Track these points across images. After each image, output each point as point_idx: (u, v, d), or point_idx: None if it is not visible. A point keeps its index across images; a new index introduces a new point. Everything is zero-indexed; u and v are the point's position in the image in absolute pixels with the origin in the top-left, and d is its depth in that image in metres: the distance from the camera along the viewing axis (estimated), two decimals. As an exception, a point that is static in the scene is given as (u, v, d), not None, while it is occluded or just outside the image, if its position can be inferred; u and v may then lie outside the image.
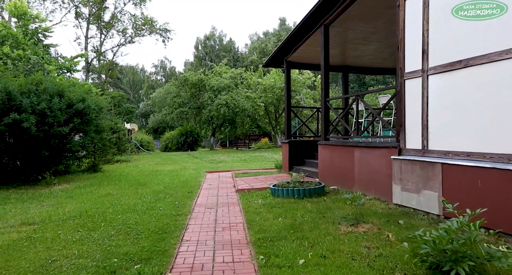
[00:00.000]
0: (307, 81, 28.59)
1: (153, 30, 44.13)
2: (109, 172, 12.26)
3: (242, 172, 11.42)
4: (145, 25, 43.33)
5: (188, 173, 11.82)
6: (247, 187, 8.00)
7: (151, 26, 43.70)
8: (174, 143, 29.63)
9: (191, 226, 4.96)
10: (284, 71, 10.37)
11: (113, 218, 5.32)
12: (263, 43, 59.66)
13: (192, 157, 20.39)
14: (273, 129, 30.98)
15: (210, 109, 26.17)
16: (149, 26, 43.72)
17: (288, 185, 6.91)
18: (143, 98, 71.68)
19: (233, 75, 28.69)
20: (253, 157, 19.75)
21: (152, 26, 43.79)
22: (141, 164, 15.55)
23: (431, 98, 4.97)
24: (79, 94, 9.32)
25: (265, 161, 16.95)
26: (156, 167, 14.10)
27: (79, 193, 7.78)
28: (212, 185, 8.82)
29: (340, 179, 7.19)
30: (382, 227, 4.50)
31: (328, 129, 8.07)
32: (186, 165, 15.03)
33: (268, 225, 4.82)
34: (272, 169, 11.91)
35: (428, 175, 4.91)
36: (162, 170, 12.88)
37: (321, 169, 8.05)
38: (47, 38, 19.01)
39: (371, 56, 10.09)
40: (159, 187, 8.58)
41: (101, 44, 39.02)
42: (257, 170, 11.91)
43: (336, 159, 7.40)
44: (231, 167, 13.84)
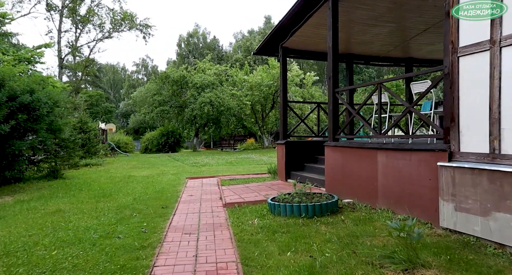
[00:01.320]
0: (295, 79, 27.14)
1: (133, 25, 41.89)
2: (72, 178, 10.42)
3: (229, 178, 9.79)
4: (125, 21, 41.16)
5: (166, 179, 10.10)
6: (237, 199, 6.38)
7: (131, 22, 41.55)
8: (154, 144, 27.71)
9: (159, 270, 3.32)
10: (279, 60, 8.80)
11: (42, 257, 3.61)
12: (248, 41, 58.03)
13: (173, 159, 18.60)
14: (260, 129, 29.41)
15: (193, 108, 24.36)
16: (128, 22, 41.58)
17: (292, 198, 5.32)
18: (124, 98, 69.07)
19: (217, 72, 26.98)
20: (239, 159, 18.12)
21: (132, 21, 41.64)
22: (114, 168, 13.71)
23: (506, 81, 3.48)
24: (26, 84, 7.48)
25: (254, 163, 15.36)
26: (130, 172, 12.31)
27: (18, 210, 5.98)
28: (193, 196, 7.16)
29: (357, 190, 5.66)
30: (449, 272, 2.97)
31: (337, 127, 6.53)
32: (165, 169, 13.28)
33: (274, 268, 3.23)
34: (264, 174, 10.32)
35: (503, 191, 3.42)
36: (136, 176, 11.11)
37: (329, 176, 6.50)
38: (5, 25, 16.83)
39: (381, 42, 8.63)
40: (127, 200, 6.87)
41: (77, 39, 36.62)
42: (247, 175, 10.30)
43: (351, 164, 5.87)
44: (216, 171, 12.19)
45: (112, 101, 71.70)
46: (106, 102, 57.83)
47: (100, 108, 51.91)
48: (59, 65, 31.77)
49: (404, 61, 9.84)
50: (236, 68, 28.59)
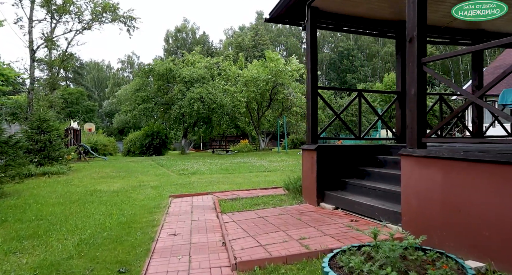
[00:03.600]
0: (295, 74, 24.47)
1: (115, 17, 38.70)
2: (10, 196, 7.53)
3: (230, 196, 7.02)
4: (106, 12, 37.95)
5: (142, 197, 7.31)
6: (256, 252, 3.62)
7: (113, 13, 38.36)
8: (137, 145, 24.70)
9: None
10: (304, 27, 6.04)
11: None
12: (240, 36, 55.37)
13: (157, 165, 15.71)
14: (255, 129, 26.63)
15: (181, 105, 21.41)
16: (111, 13, 38.38)
17: (379, 268, 2.58)
18: (109, 97, 65.60)
19: (208, 65, 24.09)
20: (235, 164, 15.34)
21: (114, 12, 38.46)
22: (79, 178, 10.81)
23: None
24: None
25: (254, 170, 12.62)
26: (97, 184, 9.44)
27: None
28: (177, 238, 4.36)
29: (489, 244, 2.98)
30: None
31: (424, 125, 3.84)
32: (144, 179, 10.45)
33: None
34: (277, 189, 7.60)
35: None
36: (102, 191, 8.27)
37: (411, 208, 3.80)
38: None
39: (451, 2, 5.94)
40: (66, 246, 4.07)
41: (52, 30, 33.23)
42: (254, 191, 7.54)
43: (467, 192, 3.18)
44: (209, 182, 9.41)
45: (96, 100, 68.19)
46: (88, 101, 54.34)
47: (80, 106, 48.43)
48: (31, 58, 28.38)
49: (470, 34, 7.20)
50: (230, 61, 25.74)
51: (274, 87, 23.42)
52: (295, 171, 12.21)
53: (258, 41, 53.49)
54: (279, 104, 24.98)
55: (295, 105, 23.02)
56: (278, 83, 22.91)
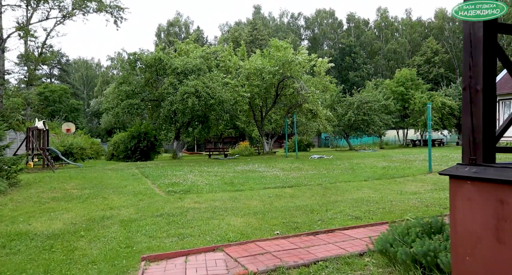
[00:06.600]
0: (306, 65, 21.05)
1: (101, 7, 35.11)
2: None
3: (258, 252, 3.59)
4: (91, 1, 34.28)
5: (92, 256, 3.86)
6: None
7: (99, 2, 34.71)
8: (121, 149, 21.11)
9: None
10: None
11: None
12: (237, 31, 51.83)
13: (141, 175, 12.19)
14: (258, 130, 23.16)
15: (173, 101, 17.88)
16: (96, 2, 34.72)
17: None
18: (97, 95, 61.60)
19: (205, 55, 20.58)
20: (241, 173, 11.88)
21: (100, 2, 34.81)
22: (18, 202, 7.31)
23: None
24: None
25: (270, 185, 9.19)
26: (36, 216, 5.98)
27: None
28: None
29: None
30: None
31: None
32: (114, 204, 7.00)
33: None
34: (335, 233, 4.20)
35: None
36: (34, 234, 4.85)
37: None
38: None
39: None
40: None
41: (28, 20, 29.46)
42: (296, 239, 4.13)
43: None
44: (212, 210, 6.00)
45: (84, 99, 64.22)
46: (73, 99, 50.38)
47: (64, 105, 44.53)
48: (0, 48, 24.65)
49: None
50: (230, 50, 22.20)
51: (282, 81, 20.01)
52: (328, 187, 8.84)
53: (256, 36, 50.05)
54: (287, 100, 21.55)
55: (307, 101, 19.62)
56: (286, 76, 19.53)
